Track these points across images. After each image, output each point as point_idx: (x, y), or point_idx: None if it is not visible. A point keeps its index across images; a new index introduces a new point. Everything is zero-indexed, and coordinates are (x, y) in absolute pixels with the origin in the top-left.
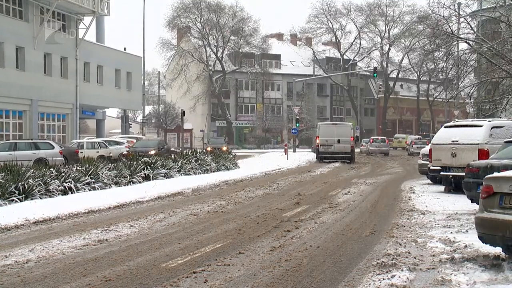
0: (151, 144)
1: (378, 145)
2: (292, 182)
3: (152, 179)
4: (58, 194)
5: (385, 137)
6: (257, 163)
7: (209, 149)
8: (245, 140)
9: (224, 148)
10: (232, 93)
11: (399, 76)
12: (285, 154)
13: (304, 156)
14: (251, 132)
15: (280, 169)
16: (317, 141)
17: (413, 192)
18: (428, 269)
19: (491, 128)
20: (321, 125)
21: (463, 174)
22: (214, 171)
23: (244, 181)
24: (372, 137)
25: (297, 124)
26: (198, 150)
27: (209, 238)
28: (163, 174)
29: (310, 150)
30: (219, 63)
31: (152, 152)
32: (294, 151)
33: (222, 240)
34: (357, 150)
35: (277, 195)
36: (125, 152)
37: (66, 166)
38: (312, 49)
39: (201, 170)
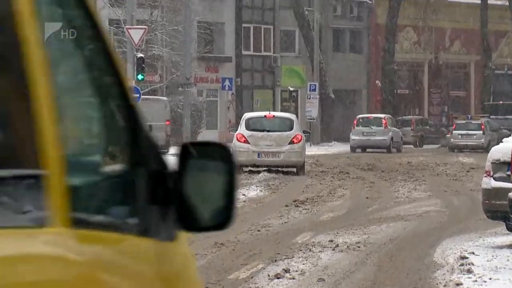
0: None
1: (368, 132)
2: None
3: None
4: None
5: (382, 116)
6: None
7: None
8: None
9: None
10: None
11: None
12: None
13: None
14: None
15: None
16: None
17: (468, 271)
18: None
19: None
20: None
21: None
22: None
23: None
24: (359, 116)
25: (141, 76)
26: None
27: None
28: None
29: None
30: None
31: None
32: None
33: None
34: (316, 151)
35: None
36: None
37: None
38: None
39: None
